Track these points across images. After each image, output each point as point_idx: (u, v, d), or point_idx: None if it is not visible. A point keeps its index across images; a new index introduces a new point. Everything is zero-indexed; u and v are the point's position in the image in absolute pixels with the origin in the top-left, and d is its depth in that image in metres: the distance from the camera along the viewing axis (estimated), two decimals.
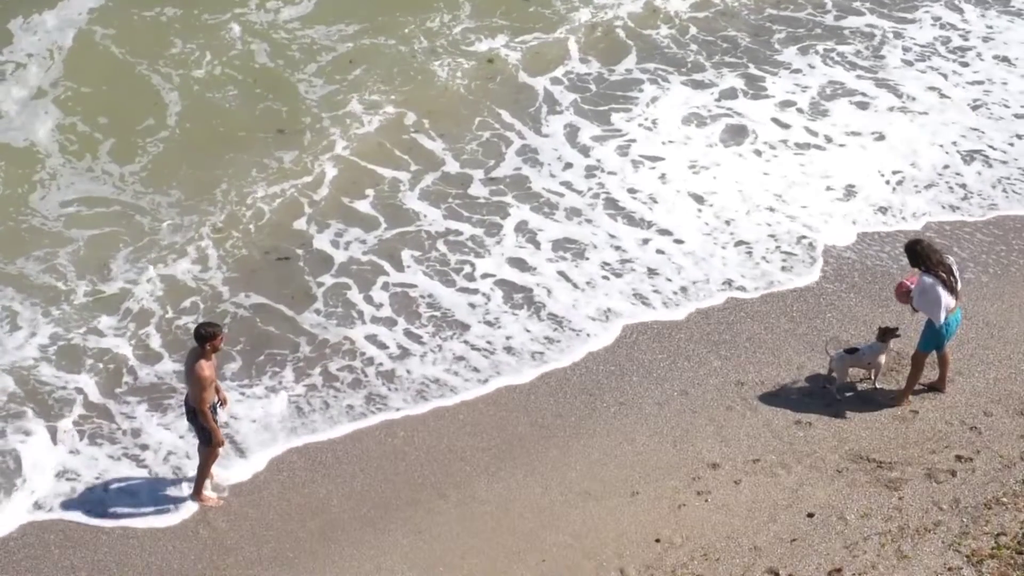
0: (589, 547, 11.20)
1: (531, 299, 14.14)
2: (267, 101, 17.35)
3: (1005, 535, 11.04)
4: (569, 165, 16.26)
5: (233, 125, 16.89)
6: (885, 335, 12.59)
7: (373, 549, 11.30)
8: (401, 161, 16.33)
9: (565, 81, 17.91)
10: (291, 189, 15.66)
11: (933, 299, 11.99)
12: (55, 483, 11.89)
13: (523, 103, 17.46)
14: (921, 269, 12.04)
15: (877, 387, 12.72)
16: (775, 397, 12.71)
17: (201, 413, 11.26)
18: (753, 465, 11.95)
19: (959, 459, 11.88)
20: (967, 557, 10.86)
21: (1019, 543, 10.94)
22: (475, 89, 17.69)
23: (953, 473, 11.73)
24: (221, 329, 11.31)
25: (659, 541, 11.22)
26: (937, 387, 12.65)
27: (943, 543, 11.02)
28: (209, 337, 11.14)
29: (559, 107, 17.37)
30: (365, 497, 11.79)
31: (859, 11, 19.58)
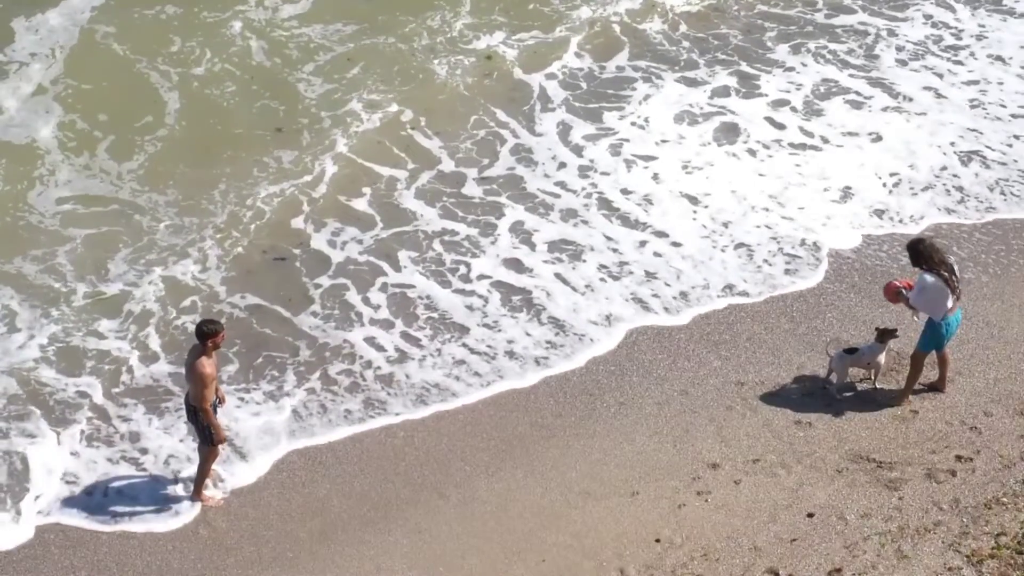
0: (589, 547, 11.20)
1: (530, 301, 14.09)
2: (265, 99, 17.34)
3: (1005, 535, 11.04)
4: (563, 164, 16.23)
5: (232, 124, 16.88)
6: (884, 336, 12.59)
7: (373, 549, 11.29)
8: (399, 159, 16.31)
9: (561, 78, 17.88)
10: (289, 188, 15.63)
11: (934, 298, 11.99)
12: (55, 484, 11.86)
13: (519, 101, 17.45)
14: (923, 268, 12.04)
15: (877, 387, 12.73)
16: (775, 397, 12.71)
17: (202, 411, 11.25)
18: (753, 465, 11.94)
19: (959, 459, 11.88)
20: (967, 557, 10.86)
21: (1019, 543, 10.94)
22: (473, 87, 17.68)
23: (953, 473, 11.73)
24: (222, 327, 11.30)
25: (659, 541, 11.22)
26: (937, 387, 12.65)
27: (943, 543, 11.02)
28: (210, 334, 11.13)
29: (555, 105, 17.34)
30: (365, 497, 11.79)
31: (851, 9, 19.57)
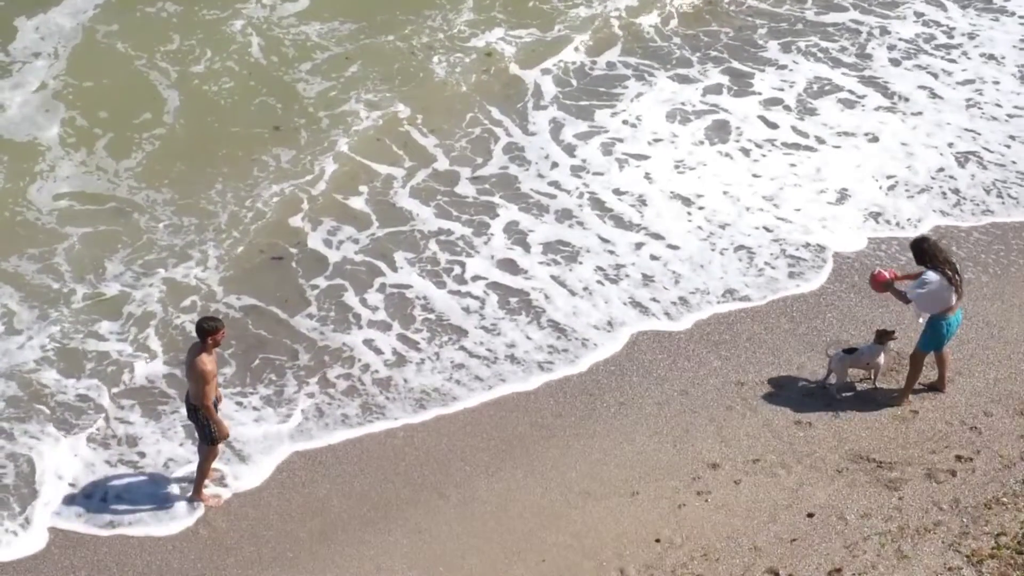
0: (589, 547, 11.19)
1: (528, 303, 14.03)
2: (263, 96, 17.34)
3: (1005, 535, 11.05)
4: (555, 164, 16.19)
5: (230, 122, 16.87)
6: (882, 337, 12.59)
7: (373, 549, 11.28)
8: (397, 157, 16.30)
9: (557, 76, 17.89)
10: (287, 187, 15.62)
11: (936, 295, 11.96)
12: (56, 484, 11.83)
13: (515, 98, 17.46)
14: (928, 266, 12.03)
15: (877, 387, 12.72)
16: (775, 397, 12.70)
17: (204, 407, 11.23)
18: (753, 465, 11.94)
19: (959, 459, 11.88)
20: (967, 557, 10.86)
21: (1019, 543, 10.95)
22: (470, 84, 17.67)
23: (953, 473, 11.73)
24: (222, 324, 11.29)
25: (659, 541, 11.21)
26: (937, 387, 12.65)
27: (943, 543, 11.03)
28: (210, 331, 11.11)
29: (550, 103, 17.35)
30: (365, 497, 11.77)
31: (842, 6, 19.56)
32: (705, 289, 14.20)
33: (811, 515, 11.39)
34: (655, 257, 14.71)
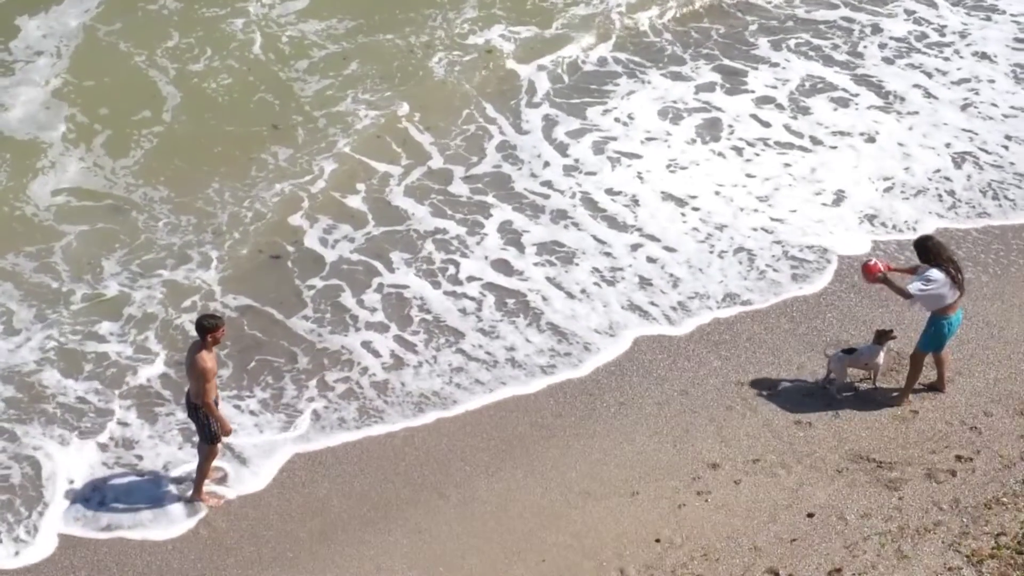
0: (589, 547, 11.19)
1: (526, 305, 13.97)
2: (262, 93, 17.34)
3: (1005, 535, 11.05)
4: (547, 163, 16.15)
5: (229, 121, 16.86)
6: (881, 337, 12.58)
7: (373, 549, 11.28)
8: (395, 155, 16.29)
9: (553, 74, 17.88)
10: (285, 186, 15.63)
11: (939, 292, 11.92)
12: (57, 487, 11.81)
13: (510, 96, 17.44)
14: (931, 264, 12.01)
15: (877, 387, 12.72)
16: (775, 397, 12.70)
17: (204, 405, 11.22)
18: (753, 465, 11.94)
19: (959, 459, 11.88)
20: (967, 557, 10.86)
21: (1019, 543, 10.95)
22: (468, 82, 17.66)
23: (953, 473, 11.73)
24: (222, 321, 11.26)
25: (659, 541, 11.21)
26: (937, 387, 12.65)
27: (943, 543, 11.03)
28: (210, 329, 11.10)
29: (545, 101, 17.33)
30: (365, 497, 11.77)
31: (832, 3, 19.52)
32: (705, 293, 14.12)
33: (811, 515, 11.39)
34: (652, 259, 14.65)
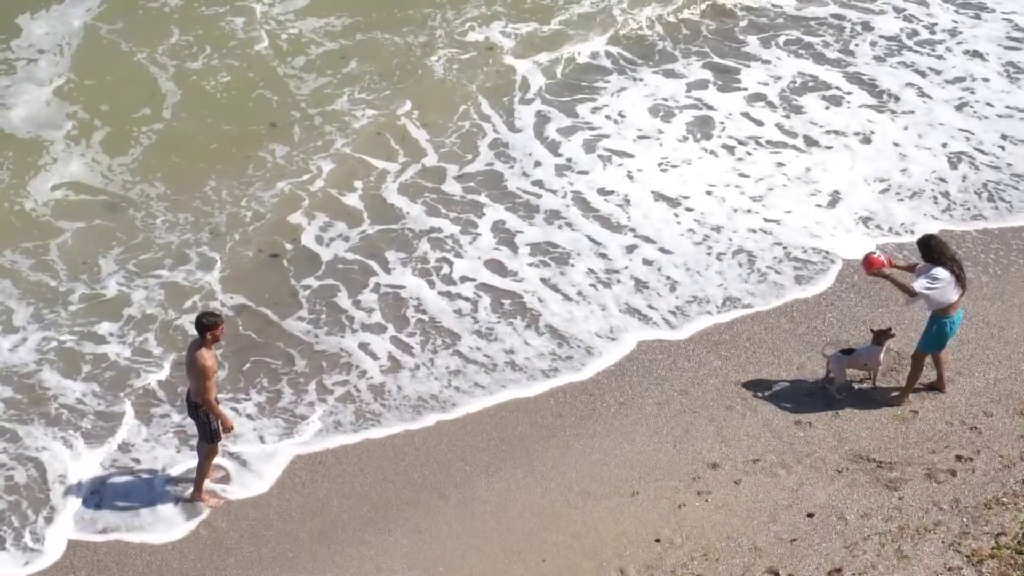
0: (589, 547, 11.19)
1: (523, 308, 13.93)
2: (260, 90, 17.36)
3: (1005, 535, 11.05)
4: (539, 164, 16.15)
5: (227, 119, 16.87)
6: (880, 337, 12.57)
7: (373, 549, 11.28)
8: (393, 152, 16.30)
9: (549, 71, 17.88)
10: (283, 184, 15.65)
11: (943, 291, 11.90)
12: (56, 484, 11.83)
13: (505, 94, 17.45)
14: (935, 262, 12.00)
15: (876, 387, 12.72)
16: (775, 397, 12.70)
17: (206, 403, 11.22)
18: (753, 465, 11.94)
19: (959, 459, 11.88)
20: (967, 557, 10.87)
21: (1019, 543, 10.95)
22: (466, 79, 17.66)
23: (953, 473, 11.73)
24: (222, 319, 11.28)
25: (659, 541, 11.21)
26: (937, 387, 12.65)
27: (943, 543, 11.03)
28: (210, 326, 11.10)
29: (539, 99, 17.33)
30: (365, 497, 11.77)
31: (822, 0, 19.52)
32: (705, 297, 14.03)
33: (811, 515, 11.39)
34: (648, 261, 14.59)
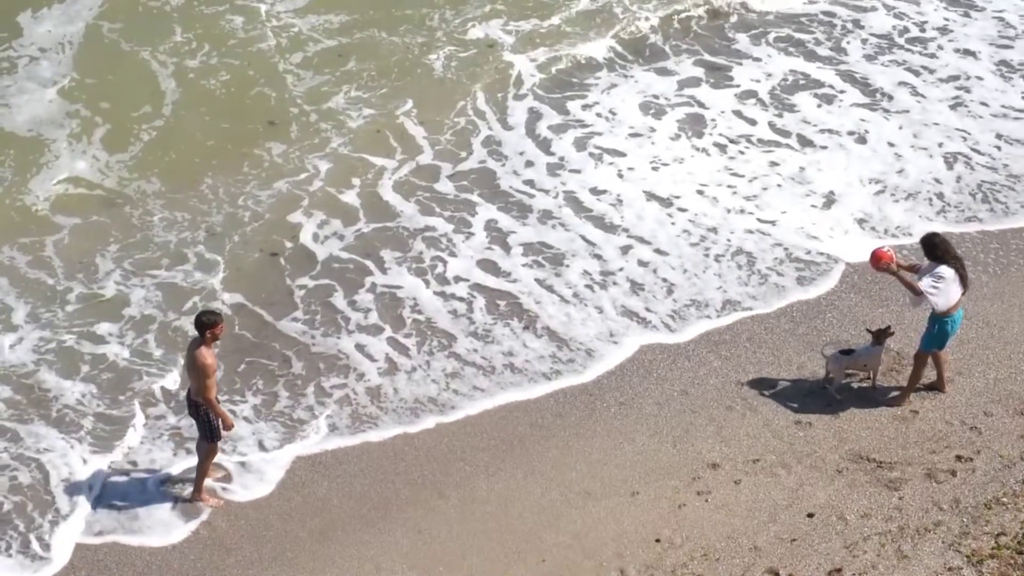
0: (589, 547, 11.19)
1: (520, 309, 13.90)
2: (259, 87, 17.38)
3: (1005, 535, 11.05)
4: (531, 163, 16.15)
5: (225, 117, 16.89)
6: (880, 337, 12.58)
7: (373, 549, 11.27)
8: (392, 150, 16.31)
9: (544, 68, 17.90)
10: (281, 183, 15.66)
11: (947, 289, 11.90)
12: (56, 484, 11.82)
13: (498, 90, 17.45)
14: (938, 261, 12.00)
15: (876, 386, 12.72)
16: (775, 397, 12.70)
17: (206, 401, 11.21)
18: (753, 465, 11.94)
19: (959, 459, 11.88)
20: (967, 557, 10.87)
21: (1019, 543, 10.95)
22: (464, 77, 17.67)
23: (953, 473, 11.73)
24: (221, 317, 11.29)
25: (659, 541, 11.21)
26: (937, 387, 12.65)
27: (943, 543, 11.03)
28: (209, 325, 11.10)
29: (535, 98, 17.33)
30: (365, 497, 11.77)
31: None
32: (704, 301, 13.97)
33: (811, 515, 11.39)
34: (643, 263, 14.55)
